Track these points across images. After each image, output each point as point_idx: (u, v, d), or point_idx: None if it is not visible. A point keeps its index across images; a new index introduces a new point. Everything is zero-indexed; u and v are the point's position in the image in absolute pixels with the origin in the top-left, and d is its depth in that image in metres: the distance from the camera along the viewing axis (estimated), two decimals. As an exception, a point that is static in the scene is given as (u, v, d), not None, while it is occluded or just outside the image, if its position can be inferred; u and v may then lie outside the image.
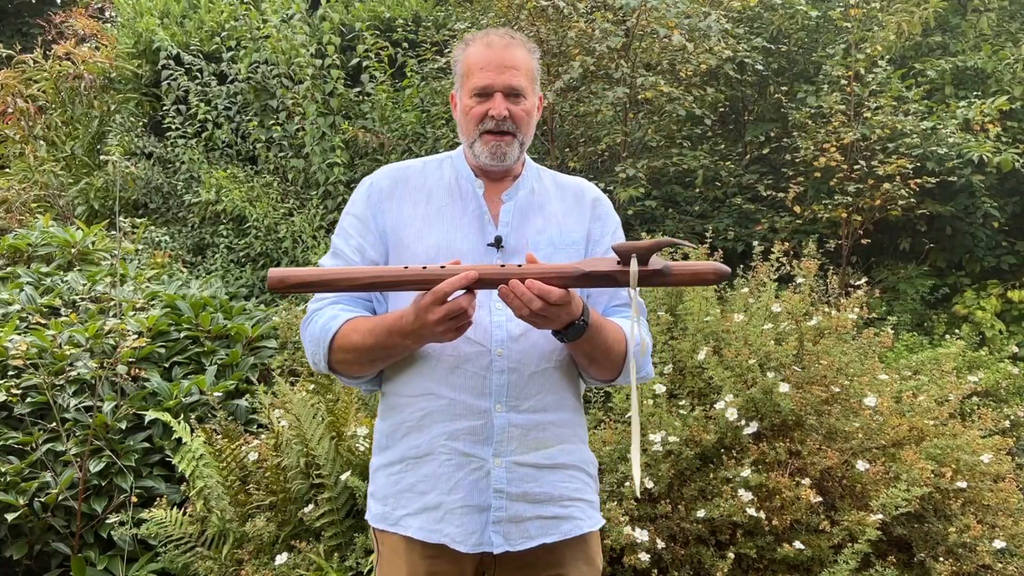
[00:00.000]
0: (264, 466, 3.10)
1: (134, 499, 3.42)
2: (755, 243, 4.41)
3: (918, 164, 5.43)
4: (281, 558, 2.79)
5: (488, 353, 1.63)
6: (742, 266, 4.18)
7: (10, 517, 3.23)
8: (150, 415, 3.64)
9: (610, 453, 2.90)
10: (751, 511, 2.65)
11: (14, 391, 3.59)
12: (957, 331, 5.27)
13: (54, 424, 3.55)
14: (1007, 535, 2.87)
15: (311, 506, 2.92)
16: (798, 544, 2.66)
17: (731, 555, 2.64)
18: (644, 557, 2.59)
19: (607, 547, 2.64)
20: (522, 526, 1.65)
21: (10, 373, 3.73)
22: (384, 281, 1.52)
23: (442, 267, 1.50)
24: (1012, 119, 5.86)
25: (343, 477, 2.89)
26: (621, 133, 5.80)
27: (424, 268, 1.51)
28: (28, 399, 3.63)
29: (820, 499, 2.76)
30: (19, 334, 3.97)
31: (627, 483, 2.76)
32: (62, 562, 3.39)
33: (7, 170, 8.17)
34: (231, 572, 2.97)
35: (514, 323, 1.62)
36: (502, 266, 1.51)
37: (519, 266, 1.51)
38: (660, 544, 2.66)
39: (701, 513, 2.71)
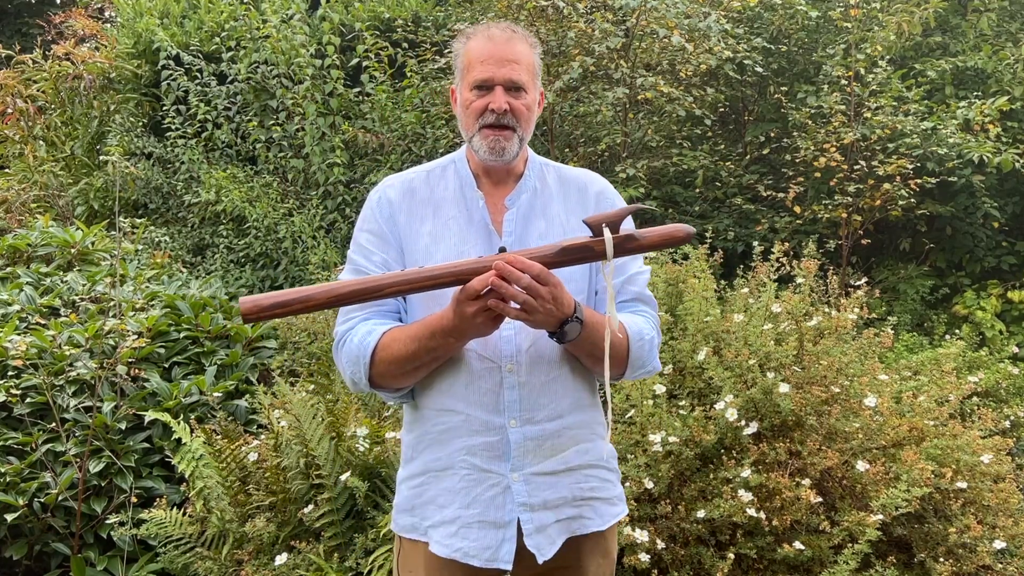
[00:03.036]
0: (264, 466, 3.09)
1: (134, 499, 3.42)
2: (755, 243, 4.41)
3: (918, 164, 5.43)
4: (281, 558, 2.79)
5: (499, 370, 1.64)
6: (742, 266, 4.17)
7: (10, 517, 3.23)
8: (150, 415, 3.64)
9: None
10: (751, 511, 2.65)
11: (14, 391, 3.59)
12: (957, 331, 5.27)
13: (54, 424, 3.55)
14: (1007, 535, 2.87)
15: (311, 506, 2.92)
16: (798, 544, 2.66)
17: (731, 555, 2.64)
18: (644, 557, 2.59)
19: (607, 547, 2.64)
20: (546, 533, 1.67)
21: (10, 373, 3.73)
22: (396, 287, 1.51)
23: (420, 268, 1.53)
24: (1012, 119, 5.86)
25: (343, 477, 2.89)
26: (621, 133, 5.80)
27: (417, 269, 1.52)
28: (28, 399, 3.63)
29: (820, 499, 2.76)
30: (19, 334, 3.97)
31: (627, 483, 2.76)
32: (62, 562, 3.39)
33: (7, 170, 8.17)
34: (231, 572, 2.97)
35: (522, 335, 1.63)
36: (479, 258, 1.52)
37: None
38: (660, 544, 2.66)
39: (701, 513, 2.71)
